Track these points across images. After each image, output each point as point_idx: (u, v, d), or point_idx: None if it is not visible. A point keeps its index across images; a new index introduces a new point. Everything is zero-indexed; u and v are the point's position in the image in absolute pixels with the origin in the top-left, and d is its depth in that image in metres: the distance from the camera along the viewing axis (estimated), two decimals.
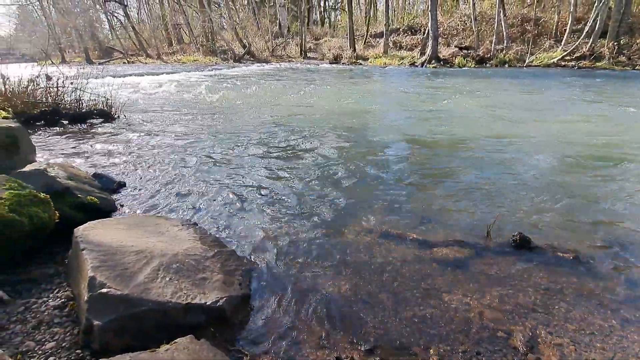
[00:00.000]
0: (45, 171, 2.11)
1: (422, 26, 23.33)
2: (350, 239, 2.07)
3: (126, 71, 15.65)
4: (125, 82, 10.53)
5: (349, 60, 21.54)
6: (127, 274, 1.34)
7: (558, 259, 1.90)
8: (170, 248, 1.65)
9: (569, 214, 2.38)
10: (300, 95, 7.98)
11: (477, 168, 3.26)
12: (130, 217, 2.12)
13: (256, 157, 3.56)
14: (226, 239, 2.07)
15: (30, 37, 28.24)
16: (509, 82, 10.53)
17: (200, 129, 4.81)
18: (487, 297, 1.61)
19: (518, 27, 20.48)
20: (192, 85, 10.12)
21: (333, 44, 25.72)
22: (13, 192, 1.70)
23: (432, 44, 17.97)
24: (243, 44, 25.85)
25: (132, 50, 28.21)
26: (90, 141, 4.21)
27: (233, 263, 1.76)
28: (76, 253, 1.45)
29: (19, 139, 2.34)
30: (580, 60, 15.89)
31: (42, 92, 5.16)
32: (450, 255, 1.91)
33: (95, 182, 2.48)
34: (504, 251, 1.96)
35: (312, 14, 33.75)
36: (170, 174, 3.06)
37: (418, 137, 4.43)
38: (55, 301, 1.41)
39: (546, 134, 4.46)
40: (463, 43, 20.54)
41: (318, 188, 2.80)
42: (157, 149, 3.85)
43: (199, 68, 18.30)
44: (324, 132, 4.57)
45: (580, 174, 3.13)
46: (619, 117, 5.58)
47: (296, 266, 1.83)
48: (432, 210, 2.44)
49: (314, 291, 1.64)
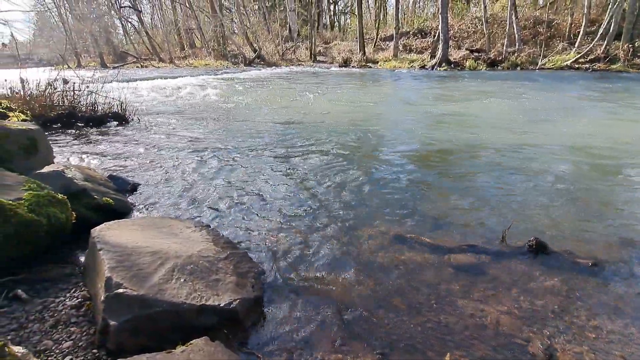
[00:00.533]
0: (63, 172, 2.16)
1: (432, 29, 23.22)
2: (363, 242, 2.06)
3: (139, 75, 15.96)
4: (138, 86, 10.74)
5: (358, 63, 21.55)
6: (143, 275, 1.36)
7: (576, 265, 1.85)
8: (184, 249, 1.67)
9: (586, 220, 2.32)
10: (311, 98, 8.01)
11: (490, 172, 3.22)
12: (144, 219, 2.15)
13: (267, 160, 3.58)
14: (238, 241, 2.07)
15: (48, 42, 29.06)
16: (521, 85, 10.38)
17: (212, 131, 4.86)
18: (503, 303, 1.57)
19: (530, 29, 20.20)
20: (203, 89, 10.25)
21: (343, 47, 25.79)
22: (32, 192, 1.74)
23: (443, 46, 17.85)
24: (253, 48, 26.12)
25: (145, 55, 28.78)
26: (105, 143, 4.30)
27: (245, 265, 1.76)
28: (93, 253, 1.47)
29: (37, 141, 2.40)
30: (594, 63, 15.56)
31: (59, 95, 5.29)
32: (465, 259, 1.88)
33: (110, 184, 2.53)
34: (520, 256, 1.92)
35: (322, 18, 33.91)
36: (182, 176, 3.09)
37: (430, 140, 4.39)
38: (72, 301, 1.43)
39: (561, 138, 4.37)
40: (474, 46, 20.35)
41: (330, 191, 2.79)
42: (170, 151, 3.90)
43: (210, 72, 18.55)
44: (335, 135, 4.57)
45: (597, 178, 3.06)
46: (636, 121, 5.44)
47: (308, 269, 1.83)
48: (445, 214, 2.41)
49: (327, 295, 1.63)
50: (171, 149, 3.98)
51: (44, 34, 30.52)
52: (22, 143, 2.26)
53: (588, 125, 5.12)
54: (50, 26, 31.00)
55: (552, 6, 19.90)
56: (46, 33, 30.35)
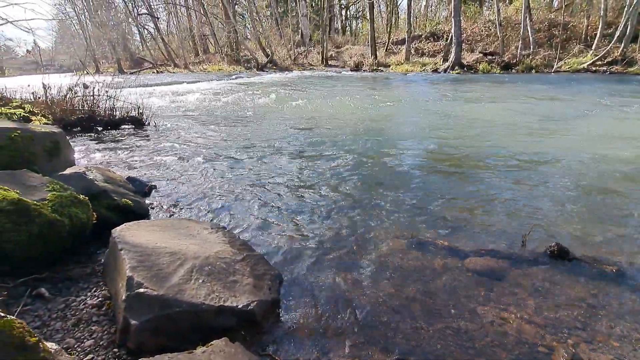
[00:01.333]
0: (84, 174, 2.21)
1: (444, 33, 23.06)
2: (379, 247, 2.04)
3: (155, 80, 16.33)
4: (154, 91, 10.98)
5: (370, 67, 21.55)
6: (163, 275, 1.37)
7: (599, 271, 1.79)
8: (202, 251, 1.68)
9: (607, 225, 2.24)
10: (322, 102, 8.03)
11: (507, 175, 3.15)
12: (163, 220, 2.18)
13: (281, 163, 3.59)
14: (254, 243, 2.08)
15: (69, 49, 30.06)
16: (537, 88, 10.18)
17: (226, 134, 4.92)
18: (525, 310, 1.53)
19: (545, 32, 19.85)
20: (217, 93, 10.41)
21: (354, 51, 25.85)
22: (56, 193, 1.78)
23: (456, 50, 17.70)
24: (266, 53, 26.43)
25: (161, 61, 29.45)
26: (123, 146, 4.40)
27: (262, 267, 1.76)
28: (114, 253, 1.50)
29: (60, 144, 2.47)
30: (611, 65, 15.16)
31: (79, 100, 5.45)
32: (484, 265, 1.84)
33: (129, 185, 2.58)
34: (541, 262, 1.86)
35: (334, 23, 34.11)
36: (198, 179, 3.13)
37: (444, 143, 4.34)
38: (93, 300, 1.46)
39: (580, 141, 4.26)
40: (487, 49, 20.10)
41: (345, 194, 2.78)
42: (186, 154, 3.96)
43: (224, 76, 18.84)
44: (348, 139, 4.56)
45: (618, 183, 2.96)
46: None
47: (324, 272, 1.81)
48: (462, 218, 2.37)
49: (343, 298, 1.61)
50: (186, 152, 4.04)
51: (65, 41, 31.60)
52: (45, 145, 2.33)
53: (608, 128, 4.98)
54: (71, 34, 32.09)
55: (568, 9, 19.52)
56: (67, 40, 31.42)
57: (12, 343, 0.82)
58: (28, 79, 7.45)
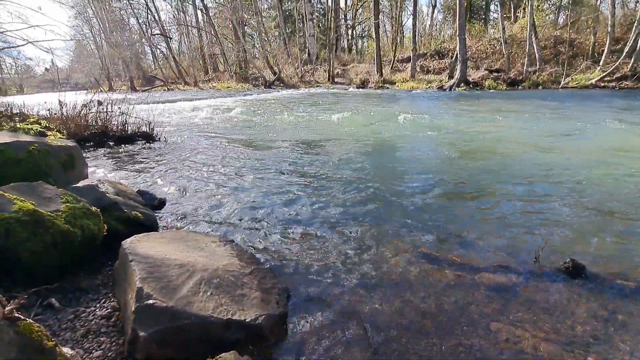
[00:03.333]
0: (97, 187, 2.25)
1: (449, 50, 23.38)
2: (388, 261, 2.01)
3: (167, 97, 16.75)
4: (165, 107, 11.25)
5: (376, 84, 21.84)
6: (172, 287, 1.37)
7: (616, 288, 1.73)
8: (210, 263, 1.68)
9: (622, 240, 2.18)
10: (329, 118, 8.12)
11: (517, 190, 3.11)
12: (172, 232, 2.19)
13: (289, 178, 3.61)
14: (261, 256, 2.07)
15: (84, 68, 31.19)
16: (546, 104, 10.18)
17: (234, 149, 4.99)
18: (540, 327, 1.48)
19: (551, 48, 20.01)
20: (226, 110, 10.61)
21: (360, 69, 26.30)
22: (69, 205, 1.81)
23: (461, 67, 17.89)
24: (274, 71, 27.05)
25: (172, 79, 30.31)
26: (135, 160, 4.48)
27: (270, 281, 1.75)
28: (124, 264, 1.50)
29: (75, 157, 2.53)
30: (621, 81, 15.13)
31: (93, 116, 5.62)
32: (497, 280, 1.80)
33: (139, 198, 2.61)
34: (556, 278, 1.81)
35: (340, 42, 34.90)
36: (207, 193, 3.16)
37: (454, 158, 4.32)
38: (102, 311, 1.46)
39: (593, 157, 4.21)
40: (493, 66, 20.29)
41: (353, 209, 2.77)
42: (195, 168, 4.01)
43: (232, 94, 19.26)
44: (355, 154, 4.59)
45: (632, 197, 2.89)
46: None
47: (332, 286, 1.79)
48: (473, 232, 2.33)
49: (352, 314, 1.59)
50: (196, 166, 4.10)
51: (81, 60, 32.83)
52: (61, 159, 2.39)
53: (619, 143, 4.92)
54: (87, 53, 33.37)
55: (573, 26, 19.71)
56: (83, 59, 32.65)
57: (31, 345, 0.83)
58: (45, 97, 7.72)
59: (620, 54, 15.91)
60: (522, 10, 23.30)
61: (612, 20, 16.75)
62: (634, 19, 16.63)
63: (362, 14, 36.39)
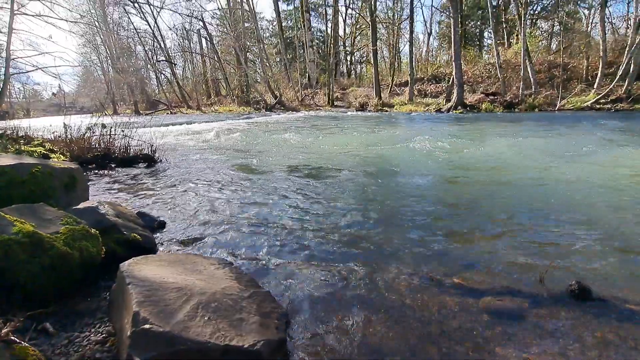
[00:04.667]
0: (97, 208, 2.25)
1: (446, 75, 24.04)
2: (389, 285, 1.97)
3: (169, 121, 17.05)
4: (168, 130, 11.42)
5: (375, 107, 22.27)
6: (169, 311, 1.34)
7: (626, 312, 1.69)
8: (209, 287, 1.65)
9: (628, 262, 2.15)
10: (328, 139, 8.23)
11: (519, 212, 3.10)
12: (170, 255, 2.17)
13: (290, 200, 3.61)
14: (261, 280, 2.04)
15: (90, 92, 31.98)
16: (542, 126, 10.32)
17: (235, 172, 5.02)
18: (548, 353, 1.43)
19: (545, 72, 20.55)
20: (226, 132, 10.77)
21: (359, 93, 26.90)
22: (69, 226, 1.81)
23: (458, 90, 18.30)
24: (275, 95, 27.66)
25: (175, 102, 30.97)
26: (136, 182, 4.50)
27: (269, 305, 1.71)
28: (121, 287, 1.48)
29: (77, 179, 2.55)
30: (616, 103, 15.43)
31: (97, 139, 5.70)
32: (502, 304, 1.75)
33: (139, 220, 2.60)
34: (562, 302, 1.77)
35: (339, 67, 35.93)
36: (207, 215, 3.15)
37: (454, 179, 4.34)
38: (97, 336, 1.42)
39: (594, 177, 4.21)
40: (489, 89, 20.75)
41: (352, 231, 2.76)
42: (196, 190, 4.02)
43: (234, 117, 19.60)
44: (355, 176, 4.61)
45: (635, 217, 2.88)
46: None
47: (333, 311, 1.75)
48: (475, 255, 2.30)
49: (353, 340, 1.54)
50: (196, 189, 4.11)
51: (87, 85, 33.69)
52: (63, 180, 2.41)
53: (622, 165, 4.94)
54: (93, 78, 34.29)
55: (566, 51, 20.33)
56: (89, 84, 33.52)
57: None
58: (51, 120, 7.87)
59: (614, 77, 16.31)
60: (515, 36, 24.13)
61: (604, 45, 17.30)
62: (625, 44, 17.18)
63: (361, 41, 37.69)
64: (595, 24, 23.79)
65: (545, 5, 28.61)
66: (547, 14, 28.06)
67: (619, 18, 25.53)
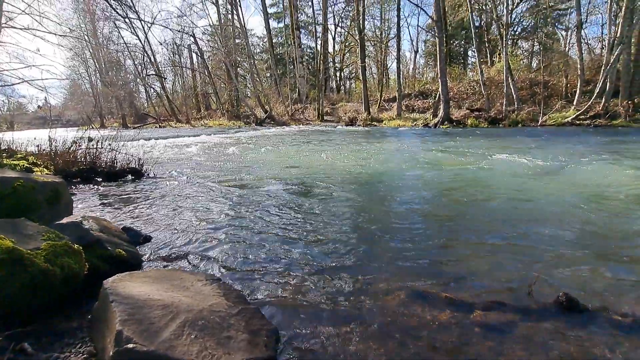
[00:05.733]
0: (81, 223, 2.19)
1: (432, 91, 24.68)
2: (380, 300, 1.96)
3: (158, 134, 16.89)
4: (156, 143, 11.30)
5: (364, 122, 22.59)
6: (153, 329, 1.30)
7: (613, 322, 1.71)
8: (196, 304, 1.61)
9: (613, 273, 2.19)
10: (318, 154, 8.27)
11: (507, 224, 3.15)
12: (156, 271, 2.11)
13: (279, 214, 3.59)
14: (249, 296, 2.00)
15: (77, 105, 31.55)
16: (526, 142, 10.62)
17: (223, 186, 4.97)
18: None
19: (527, 89, 21.33)
20: (215, 146, 10.73)
21: (348, 108, 27.32)
22: (50, 242, 1.75)
23: (444, 106, 18.78)
24: (265, 109, 27.83)
25: (164, 116, 30.81)
26: (122, 196, 4.41)
27: (257, 322, 1.67)
28: (104, 305, 1.43)
29: (60, 193, 2.48)
30: (595, 119, 16.06)
31: (82, 152, 5.59)
32: (491, 317, 1.76)
33: (124, 235, 2.54)
34: (551, 314, 1.79)
35: (329, 82, 36.56)
36: (194, 230, 3.10)
37: (442, 193, 4.40)
38: (77, 357, 1.35)
39: (579, 189, 4.33)
40: (474, 105, 21.36)
41: (341, 246, 2.74)
42: (183, 205, 3.96)
43: (223, 130, 19.57)
44: (343, 190, 4.62)
45: (621, 228, 2.96)
46: None
47: (323, 327, 1.72)
48: (464, 268, 2.32)
49: (344, 357, 1.51)
50: (183, 203, 4.05)
51: (74, 98, 33.28)
52: (46, 194, 2.34)
53: (604, 178, 5.10)
54: (81, 91, 33.91)
55: (546, 69, 21.20)
56: (77, 97, 33.11)
57: None
58: (35, 133, 7.71)
59: (592, 95, 17.02)
60: (498, 55, 25.09)
61: (581, 64, 18.14)
62: (600, 63, 18.05)
63: (350, 57, 38.56)
64: (572, 44, 25.07)
65: (525, 27, 29.98)
66: (527, 34, 29.39)
67: (594, 39, 26.97)
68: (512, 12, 25.36)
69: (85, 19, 28.16)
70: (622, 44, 15.67)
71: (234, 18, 29.95)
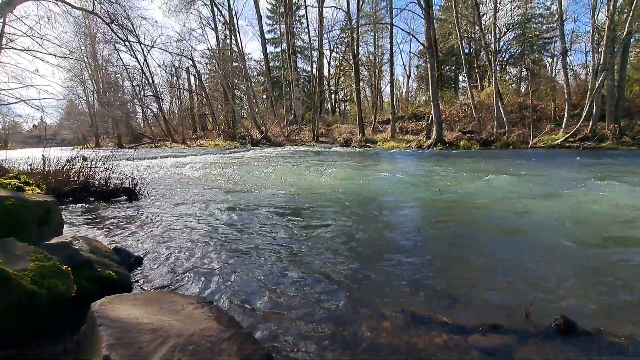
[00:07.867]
0: (70, 244, 2.15)
1: (425, 114, 25.28)
2: (376, 323, 1.92)
3: (153, 154, 16.88)
4: (151, 163, 11.28)
5: (358, 143, 22.88)
6: (142, 354, 1.25)
7: (609, 345, 1.69)
8: (186, 328, 1.56)
9: (608, 294, 2.19)
10: (312, 175, 8.30)
11: (502, 247, 3.15)
12: (146, 293, 2.06)
13: (273, 235, 3.56)
14: (242, 319, 1.95)
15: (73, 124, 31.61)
16: (518, 162, 10.80)
17: (217, 206, 4.94)
18: None
19: (517, 113, 21.96)
20: (210, 166, 10.73)
21: (343, 129, 27.74)
22: (38, 263, 1.71)
23: (437, 129, 19.17)
24: (261, 130, 28.12)
25: (160, 136, 30.94)
26: (114, 216, 4.34)
27: (250, 347, 1.62)
28: (91, 329, 1.38)
29: (51, 213, 2.44)
30: (583, 142, 16.49)
31: (76, 172, 5.56)
32: (488, 340, 1.72)
33: (114, 256, 2.48)
34: (548, 337, 1.76)
35: (324, 104, 37.27)
36: (187, 252, 3.05)
37: (437, 214, 4.41)
38: None
39: (573, 211, 4.37)
40: (466, 128, 21.85)
41: (337, 268, 2.71)
42: (176, 226, 3.91)
43: (219, 151, 19.64)
44: (338, 211, 4.62)
45: (618, 250, 2.97)
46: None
47: (317, 351, 1.67)
48: (460, 290, 2.29)
49: None
50: (176, 224, 4.00)
51: (70, 117, 33.37)
52: (37, 214, 2.30)
53: (597, 200, 5.16)
54: (77, 111, 34.05)
55: (534, 93, 21.93)
56: (73, 117, 33.21)
57: None
58: (29, 152, 7.67)
59: (579, 118, 17.56)
60: (487, 80, 25.95)
61: (568, 89, 18.84)
62: (586, 88, 18.76)
63: (344, 81, 39.56)
64: (558, 70, 26.10)
65: (513, 54, 31.24)
66: (515, 61, 30.57)
67: (579, 65, 28.17)
68: (499, 40, 26.51)
69: (85, 42, 28.72)
70: (605, 70, 16.37)
71: (232, 43, 30.81)
